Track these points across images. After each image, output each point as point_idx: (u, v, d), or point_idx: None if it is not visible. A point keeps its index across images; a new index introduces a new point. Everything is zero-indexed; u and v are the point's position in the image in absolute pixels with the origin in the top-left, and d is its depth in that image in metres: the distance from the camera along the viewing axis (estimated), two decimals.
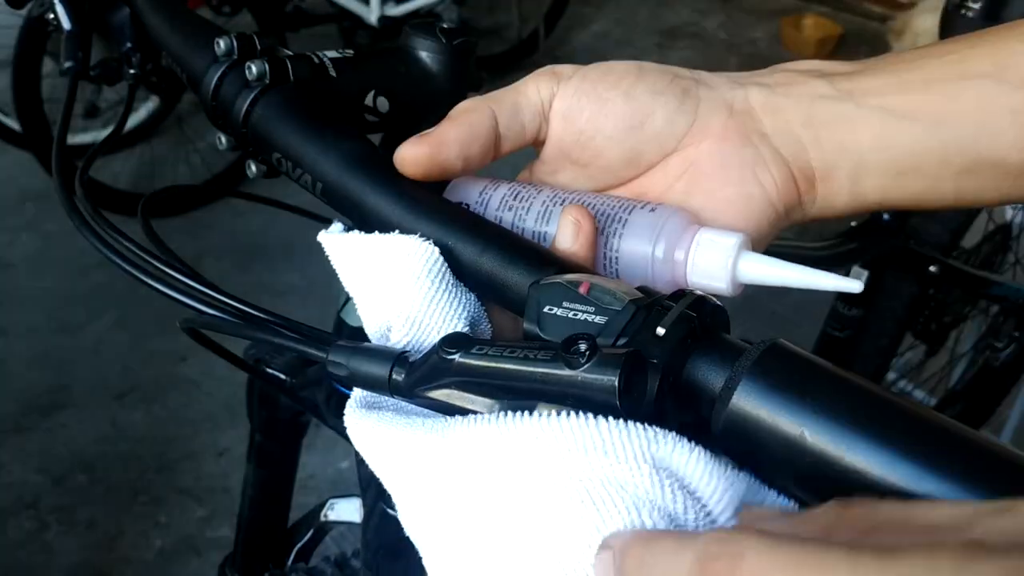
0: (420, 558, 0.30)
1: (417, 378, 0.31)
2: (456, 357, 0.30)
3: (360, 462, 0.59)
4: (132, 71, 0.61)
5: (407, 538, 0.32)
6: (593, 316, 0.30)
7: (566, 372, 0.28)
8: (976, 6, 0.90)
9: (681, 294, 0.31)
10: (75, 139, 2.27)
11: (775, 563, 0.19)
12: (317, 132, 0.39)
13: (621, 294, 0.31)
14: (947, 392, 1.53)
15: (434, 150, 0.37)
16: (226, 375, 1.84)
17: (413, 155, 0.37)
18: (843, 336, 1.11)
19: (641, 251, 0.37)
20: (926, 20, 0.87)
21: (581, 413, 0.27)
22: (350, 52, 0.45)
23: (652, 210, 0.37)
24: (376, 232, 0.36)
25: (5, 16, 1.78)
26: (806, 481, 0.27)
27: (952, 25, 0.92)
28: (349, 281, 0.36)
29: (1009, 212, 1.42)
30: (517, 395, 0.29)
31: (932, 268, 1.05)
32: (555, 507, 0.25)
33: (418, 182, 0.38)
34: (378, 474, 0.32)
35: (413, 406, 0.33)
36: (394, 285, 0.34)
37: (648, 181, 0.40)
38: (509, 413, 0.28)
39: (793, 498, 0.29)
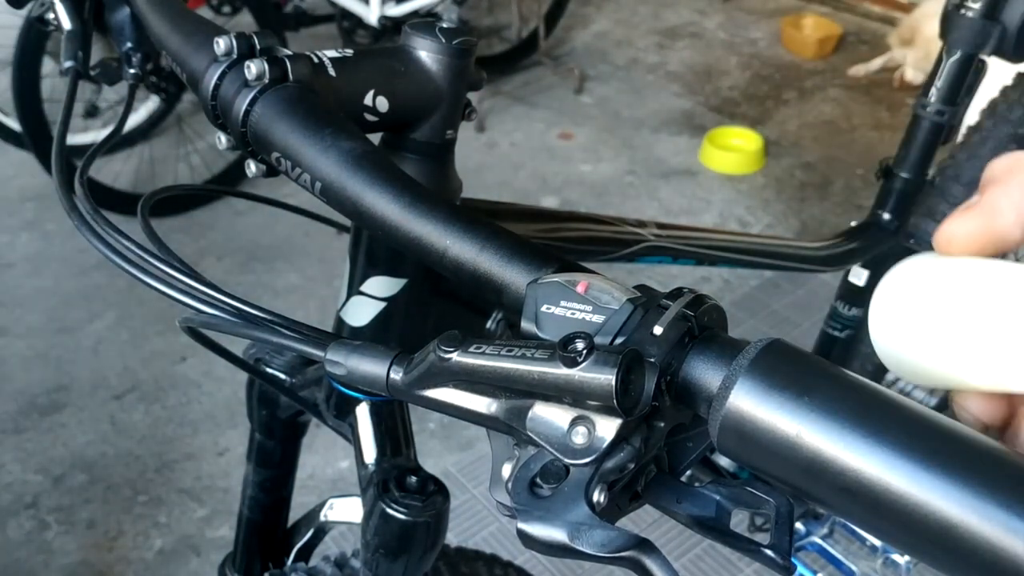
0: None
1: (415, 377, 0.31)
2: (453, 356, 0.30)
3: (360, 462, 0.60)
4: (132, 71, 0.61)
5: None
6: (591, 315, 0.30)
7: (563, 371, 0.28)
8: (976, 6, 0.90)
9: (679, 293, 0.31)
10: (75, 139, 2.28)
11: None
12: (316, 131, 0.39)
13: (619, 293, 0.31)
14: (947, 391, 1.53)
15: (988, 220, 0.31)
16: (226, 375, 1.84)
17: (964, 230, 0.31)
18: (843, 336, 1.12)
19: None
20: (934, 26, 0.87)
21: None
22: (350, 52, 0.45)
23: None
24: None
25: (5, 16, 1.78)
26: (802, 480, 0.27)
27: (952, 25, 0.92)
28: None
29: None
30: (515, 394, 0.29)
31: None
32: None
33: (417, 181, 0.38)
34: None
35: None
36: None
37: None
38: None
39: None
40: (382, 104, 0.45)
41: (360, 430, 0.60)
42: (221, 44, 0.42)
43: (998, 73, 1.01)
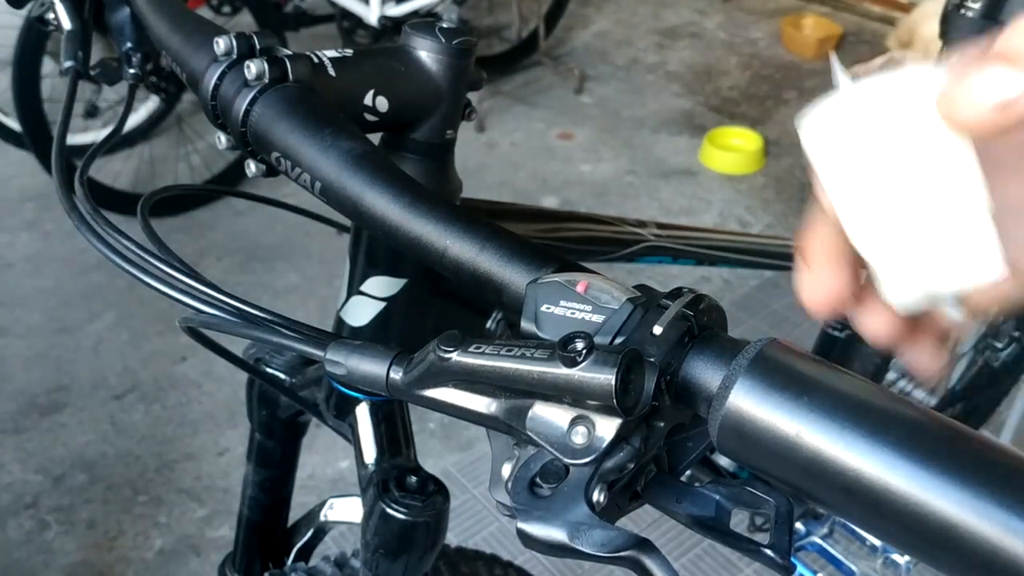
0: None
1: (415, 377, 0.31)
2: (453, 356, 0.30)
3: (360, 462, 0.59)
4: (132, 71, 0.61)
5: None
6: (590, 315, 0.30)
7: (563, 371, 0.28)
8: (976, 6, 0.90)
9: (679, 293, 0.31)
10: (75, 139, 2.28)
11: None
12: (316, 131, 0.39)
13: (618, 293, 0.31)
14: (947, 392, 1.53)
15: None
16: (226, 375, 1.84)
17: (993, 104, 0.23)
18: (843, 335, 1.11)
19: None
20: (932, 27, 0.87)
21: None
22: (350, 52, 0.45)
23: None
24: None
25: (5, 16, 1.78)
26: (802, 480, 0.27)
27: (952, 25, 0.92)
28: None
29: None
30: (515, 394, 0.29)
31: None
32: None
33: (416, 181, 0.38)
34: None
35: None
36: None
37: None
38: None
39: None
40: (382, 104, 0.45)
41: (360, 430, 0.60)
42: (221, 44, 0.42)
43: None
